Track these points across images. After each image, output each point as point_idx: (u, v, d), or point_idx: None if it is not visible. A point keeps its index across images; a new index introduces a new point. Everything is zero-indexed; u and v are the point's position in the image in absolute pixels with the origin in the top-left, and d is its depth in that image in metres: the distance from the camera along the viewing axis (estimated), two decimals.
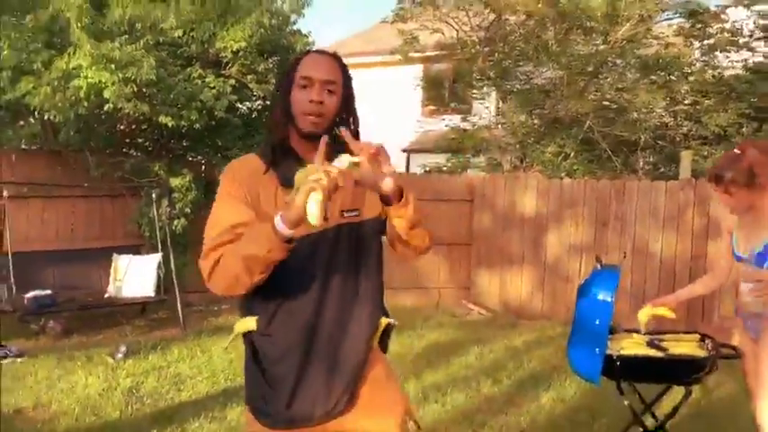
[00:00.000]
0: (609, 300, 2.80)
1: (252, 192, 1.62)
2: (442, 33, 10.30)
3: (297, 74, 1.61)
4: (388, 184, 1.50)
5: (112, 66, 5.47)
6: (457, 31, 10.23)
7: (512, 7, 9.57)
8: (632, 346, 2.94)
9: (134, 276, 6.28)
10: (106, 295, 6.27)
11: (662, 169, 9.52)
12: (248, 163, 1.69)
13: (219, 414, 4.00)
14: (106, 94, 5.47)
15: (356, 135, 1.61)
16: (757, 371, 2.56)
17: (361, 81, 1.88)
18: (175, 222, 6.75)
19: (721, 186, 2.58)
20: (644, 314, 2.95)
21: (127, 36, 6.05)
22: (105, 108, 5.70)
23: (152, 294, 6.29)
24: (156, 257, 6.38)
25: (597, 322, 2.79)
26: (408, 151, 13.10)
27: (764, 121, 8.69)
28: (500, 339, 5.97)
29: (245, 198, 1.61)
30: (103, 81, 5.44)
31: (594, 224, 6.98)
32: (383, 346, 1.75)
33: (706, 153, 8.66)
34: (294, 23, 7.53)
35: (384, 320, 1.71)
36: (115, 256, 6.37)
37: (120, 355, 5.12)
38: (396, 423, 1.70)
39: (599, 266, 3.14)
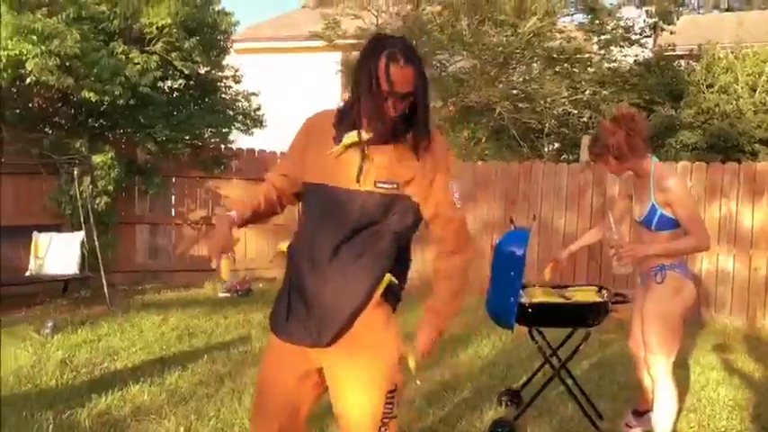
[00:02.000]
0: (521, 254, 3.22)
1: (312, 136, 1.96)
2: (363, 20, 10.58)
3: (382, 81, 1.76)
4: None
5: (34, 37, 5.36)
6: (377, 17, 10.54)
7: None
8: (542, 296, 3.40)
9: (56, 254, 6.18)
10: (27, 273, 6.14)
11: (564, 155, 10.32)
12: (325, 114, 1.99)
13: (159, 379, 4.14)
14: (29, 65, 5.34)
15: (425, 123, 1.86)
16: (642, 329, 2.98)
17: (278, 65, 2.11)
18: (98, 200, 6.68)
19: (593, 158, 3.05)
20: (548, 271, 3.42)
21: (47, 8, 5.92)
22: (27, 81, 5.55)
23: (76, 272, 6.22)
24: (80, 235, 6.31)
25: (512, 274, 3.21)
26: None
27: (652, 110, 9.65)
28: (421, 308, 6.34)
29: (303, 143, 1.98)
30: (25, 53, 5.32)
31: (505, 203, 7.54)
32: (391, 301, 1.93)
33: None
34: (219, 2, 7.57)
35: (387, 277, 1.88)
36: (35, 233, 6.24)
37: (47, 331, 5.08)
38: (381, 363, 1.86)
39: (512, 227, 3.57)
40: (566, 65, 10.05)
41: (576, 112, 10.25)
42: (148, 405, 3.70)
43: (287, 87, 12.65)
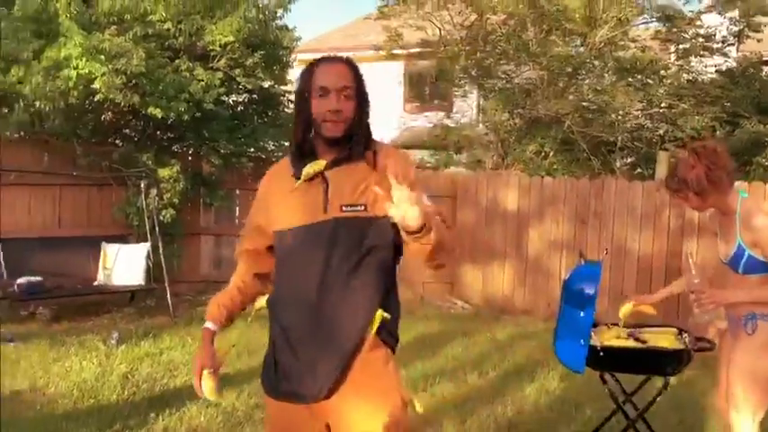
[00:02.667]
0: (592, 293, 2.97)
1: (273, 183, 1.89)
2: (425, 31, 10.45)
3: (313, 84, 1.75)
4: (413, 219, 1.50)
5: (102, 57, 5.50)
6: (439, 29, 10.38)
7: (493, 7, 9.76)
8: (614, 338, 3.13)
9: (123, 265, 6.33)
10: (96, 283, 6.31)
11: (639, 170, 9.81)
12: (281, 162, 1.94)
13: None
14: (97, 84, 5.49)
15: (368, 130, 1.81)
16: (728, 381, 2.70)
17: None
18: (164, 212, 6.80)
19: (670, 193, 2.74)
20: (626, 309, 3.13)
21: (115, 27, 6.08)
22: (96, 98, 5.71)
23: (142, 282, 6.35)
24: (145, 246, 6.44)
25: (582, 314, 2.97)
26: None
27: (737, 124, 9.02)
28: (484, 333, 6.15)
29: (266, 193, 1.90)
30: (94, 72, 5.46)
31: (574, 221, 7.19)
32: (388, 341, 1.78)
33: (681, 155, 8.95)
34: (281, 18, 7.61)
35: (379, 314, 1.73)
36: (104, 244, 6.41)
37: (112, 342, 5.19)
38: (386, 409, 1.73)
39: (582, 261, 3.31)
40: (639, 76, 9.56)
41: (650, 125, 9.73)
42: (204, 427, 3.69)
43: None
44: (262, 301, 1.93)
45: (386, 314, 1.75)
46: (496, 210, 7.53)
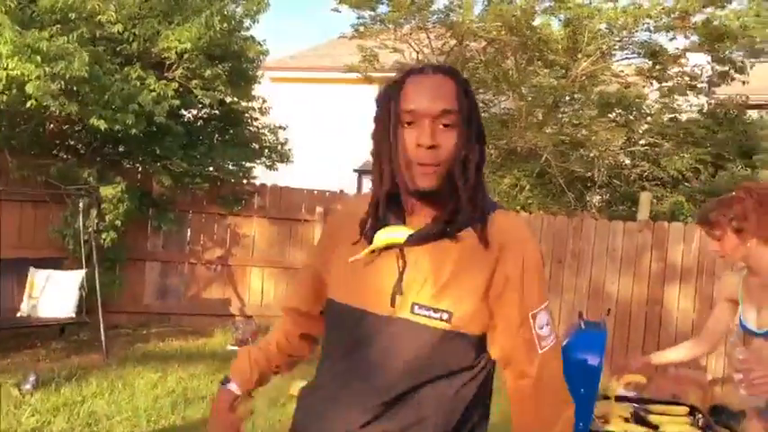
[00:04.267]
0: (596, 364, 2.48)
1: (339, 235, 1.33)
2: (402, 54, 10.04)
3: (399, 107, 1.18)
4: None
5: (38, 58, 4.85)
6: (417, 52, 9.99)
7: (473, 33, 9.42)
8: (618, 418, 2.62)
9: (53, 294, 5.61)
10: (19, 314, 5.57)
11: (614, 207, 9.48)
12: (358, 202, 1.34)
13: None
14: (29, 88, 4.83)
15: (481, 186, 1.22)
16: None
17: (313, 96, 1.56)
18: (104, 235, 6.11)
19: (706, 227, 2.36)
20: (614, 387, 2.69)
21: (59, 26, 5.44)
22: (28, 105, 5.04)
23: (72, 315, 5.63)
24: (80, 274, 5.73)
25: (582, 391, 2.47)
26: (361, 171, 12.73)
27: (721, 167, 8.75)
28: None
29: (327, 240, 1.40)
30: (26, 74, 4.81)
31: (550, 261, 6.76)
32: None
33: (660, 195, 8.66)
34: (248, 29, 7.04)
35: None
36: (32, 270, 5.68)
37: (28, 386, 4.48)
38: None
39: (582, 325, 2.82)
40: (622, 112, 9.26)
41: (630, 163, 9.41)
42: None
43: (323, 119, 12.14)
44: (296, 388, 1.43)
45: None
46: None
